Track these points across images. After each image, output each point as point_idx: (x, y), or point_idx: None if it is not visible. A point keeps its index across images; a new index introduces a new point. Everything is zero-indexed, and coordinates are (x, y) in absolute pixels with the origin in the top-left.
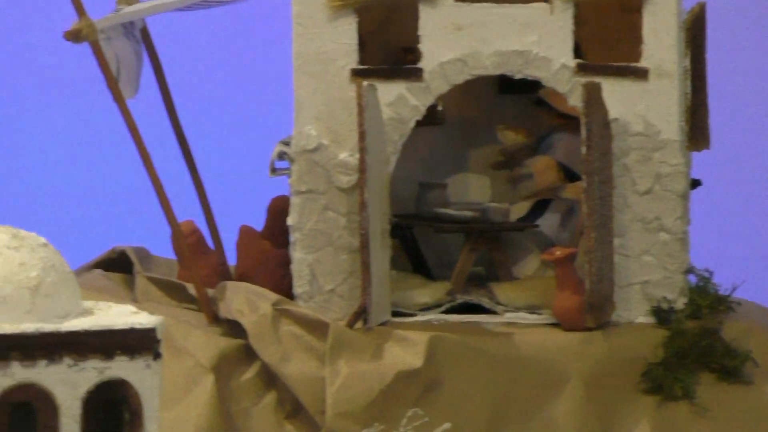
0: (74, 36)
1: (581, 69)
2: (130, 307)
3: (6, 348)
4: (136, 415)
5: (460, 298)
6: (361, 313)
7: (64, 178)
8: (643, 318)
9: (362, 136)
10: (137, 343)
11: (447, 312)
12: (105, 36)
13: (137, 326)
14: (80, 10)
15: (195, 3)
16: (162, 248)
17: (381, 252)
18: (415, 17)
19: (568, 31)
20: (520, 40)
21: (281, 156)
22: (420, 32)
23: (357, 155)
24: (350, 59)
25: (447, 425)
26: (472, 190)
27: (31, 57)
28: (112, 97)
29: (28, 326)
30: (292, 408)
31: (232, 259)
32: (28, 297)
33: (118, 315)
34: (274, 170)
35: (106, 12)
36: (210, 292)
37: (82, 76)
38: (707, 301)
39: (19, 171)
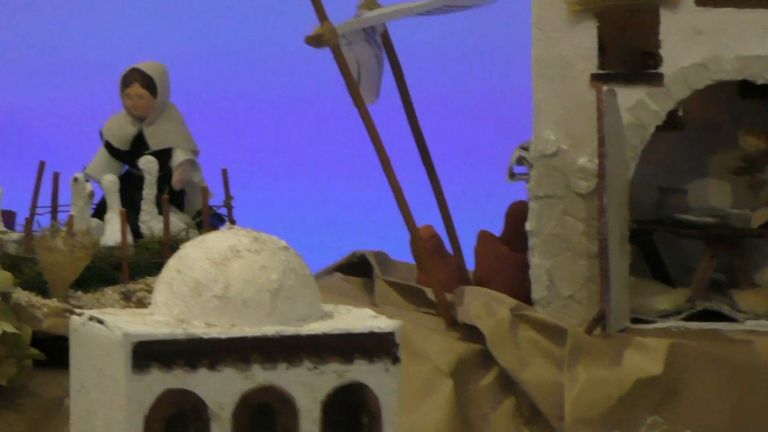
0: (316, 41)
1: None
2: (369, 311)
3: (247, 350)
4: (375, 419)
5: (700, 305)
6: (600, 319)
7: (304, 182)
8: None
9: (602, 141)
10: (376, 346)
11: (687, 319)
12: (346, 41)
13: (376, 330)
14: (322, 15)
15: (436, 8)
16: (401, 252)
17: (620, 258)
18: (655, 21)
19: None
20: (762, 45)
21: (520, 161)
22: (661, 37)
23: (596, 160)
24: (590, 64)
25: None
26: (712, 196)
27: (272, 62)
28: (352, 101)
29: (269, 329)
30: (531, 414)
31: (470, 264)
32: (268, 300)
33: (358, 319)
34: (512, 175)
35: (348, 17)
36: (448, 296)
37: (323, 81)
38: None
39: (260, 175)
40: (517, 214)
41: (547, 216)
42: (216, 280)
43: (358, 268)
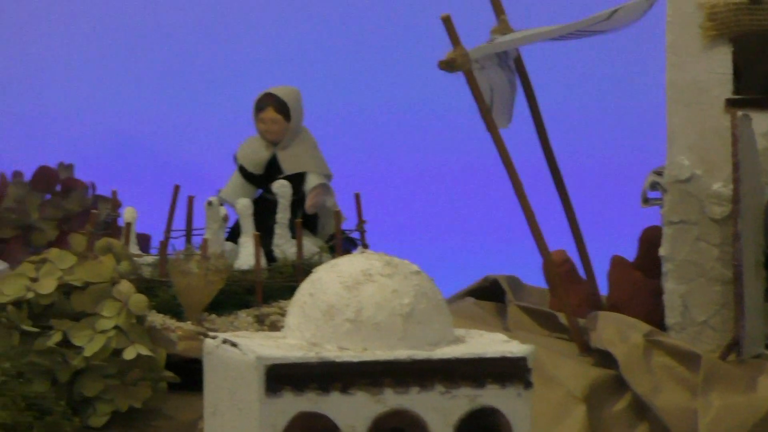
0: (448, 65)
1: None
2: (501, 336)
3: (379, 374)
4: None
5: None
6: (734, 345)
7: (437, 207)
8: None
9: (736, 166)
10: (509, 371)
11: None
12: (479, 65)
13: (508, 355)
14: (455, 40)
15: (569, 33)
16: (534, 277)
17: (755, 283)
18: None
19: None
20: None
21: (654, 186)
22: None
23: (731, 186)
24: (725, 89)
25: None
26: None
27: (403, 87)
28: (485, 126)
29: (401, 353)
30: None
31: (603, 289)
32: (400, 324)
33: (490, 343)
34: (646, 200)
35: (481, 41)
36: (581, 321)
37: (456, 106)
38: None
39: (393, 200)
40: (650, 239)
41: (681, 241)
42: (348, 304)
43: (490, 293)
